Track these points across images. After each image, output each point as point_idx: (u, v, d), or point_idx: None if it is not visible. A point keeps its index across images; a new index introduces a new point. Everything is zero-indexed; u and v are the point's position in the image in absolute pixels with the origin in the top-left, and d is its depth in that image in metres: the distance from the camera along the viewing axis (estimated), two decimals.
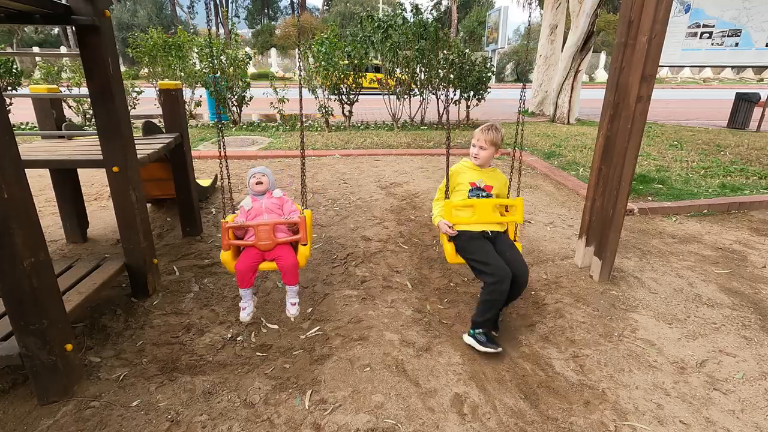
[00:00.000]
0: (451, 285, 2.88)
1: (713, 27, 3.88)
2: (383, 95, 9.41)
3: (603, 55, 31.08)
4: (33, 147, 3.04)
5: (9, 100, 8.16)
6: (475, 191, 2.36)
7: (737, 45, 3.93)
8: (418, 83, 9.02)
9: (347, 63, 8.61)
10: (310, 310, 2.59)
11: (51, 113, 3.33)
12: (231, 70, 8.81)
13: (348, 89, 8.87)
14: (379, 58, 9.19)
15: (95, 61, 2.20)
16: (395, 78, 8.95)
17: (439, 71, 8.83)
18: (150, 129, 3.58)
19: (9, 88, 9.26)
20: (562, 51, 10.40)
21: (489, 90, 9.46)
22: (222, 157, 2.28)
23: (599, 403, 1.89)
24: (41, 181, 4.60)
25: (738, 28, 3.87)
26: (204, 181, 4.63)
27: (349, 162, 6.24)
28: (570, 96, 10.03)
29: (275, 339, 2.30)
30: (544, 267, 3.11)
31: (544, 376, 2.06)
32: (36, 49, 26.97)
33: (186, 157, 3.45)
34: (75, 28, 2.13)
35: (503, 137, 2.38)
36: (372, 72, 10.51)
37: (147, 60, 9.09)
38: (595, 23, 9.44)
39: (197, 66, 9.37)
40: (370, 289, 2.81)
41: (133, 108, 9.09)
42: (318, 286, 2.86)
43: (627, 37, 2.58)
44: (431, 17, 9.19)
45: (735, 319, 2.51)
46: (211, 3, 37.31)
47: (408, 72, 8.79)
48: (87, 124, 8.92)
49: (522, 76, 28.22)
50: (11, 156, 1.59)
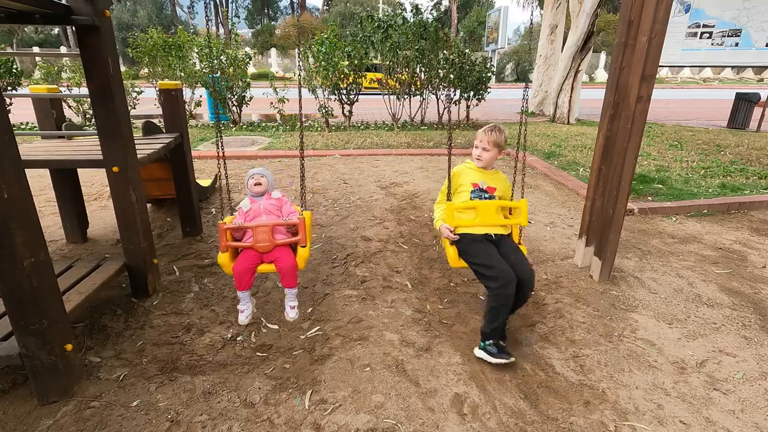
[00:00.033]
0: (451, 285, 2.88)
1: (713, 27, 3.88)
2: (383, 95, 9.41)
3: (603, 55, 31.09)
4: (33, 147, 3.04)
5: (9, 100, 8.16)
6: (478, 192, 2.32)
7: (737, 45, 3.93)
8: (418, 83, 9.02)
9: (348, 63, 8.61)
10: (310, 310, 2.59)
11: (51, 113, 3.33)
12: (231, 70, 8.81)
13: (348, 89, 8.87)
14: (379, 58, 9.19)
15: (95, 61, 2.20)
16: (395, 78, 8.95)
17: (439, 71, 8.83)
18: (150, 129, 3.58)
19: (9, 88, 9.26)
20: (562, 51, 10.40)
21: (489, 90, 9.46)
22: (220, 157, 2.26)
23: (599, 403, 1.89)
24: (41, 181, 4.60)
25: (738, 28, 3.87)
26: (204, 181, 4.63)
27: (349, 162, 6.24)
28: (570, 96, 10.03)
29: (275, 339, 2.30)
30: (544, 267, 3.11)
31: (544, 376, 2.06)
32: (36, 49, 26.97)
33: (186, 157, 3.45)
34: (75, 28, 2.13)
35: (507, 138, 2.34)
36: (372, 72, 10.50)
37: (147, 60, 9.09)
38: (595, 23, 9.44)
39: (197, 66, 9.37)
40: (370, 289, 2.81)
41: (133, 108, 9.09)
42: (318, 286, 2.86)
43: (627, 37, 2.58)
44: (431, 17, 9.19)
45: (735, 319, 2.51)
46: (211, 3, 37.33)
47: (408, 72, 8.80)
48: (87, 124, 8.92)
49: (523, 75, 28.25)
50: (11, 156, 1.59)
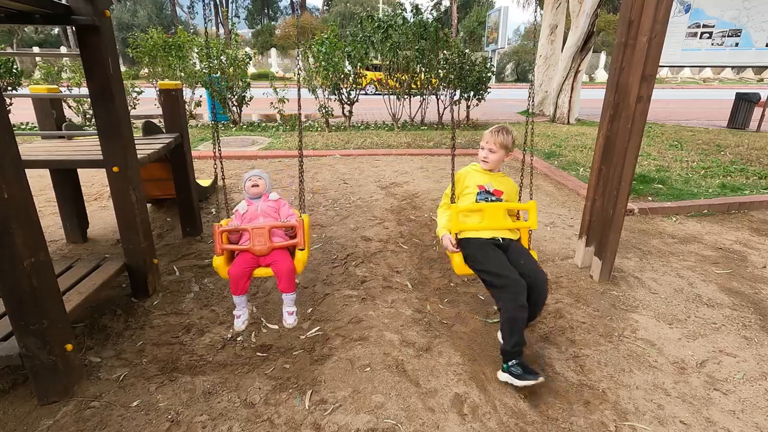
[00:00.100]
0: (451, 285, 2.88)
1: (713, 27, 3.88)
2: (383, 95, 9.41)
3: (603, 55, 31.08)
4: (33, 147, 3.04)
5: (9, 100, 8.16)
6: (484, 195, 2.23)
7: (737, 45, 3.93)
8: (418, 83, 9.03)
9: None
10: (310, 310, 2.59)
11: (51, 113, 3.33)
12: (231, 70, 8.81)
13: (348, 89, 8.88)
14: (379, 58, 9.20)
15: (95, 61, 2.20)
16: (395, 78, 8.95)
17: (439, 71, 8.83)
18: (150, 129, 3.58)
19: (9, 88, 9.26)
20: (562, 51, 10.40)
21: (489, 90, 9.46)
22: (217, 158, 2.23)
23: (599, 403, 1.89)
24: (41, 181, 4.60)
25: (738, 28, 3.87)
26: (204, 181, 4.63)
27: (349, 162, 6.24)
28: (570, 96, 10.03)
29: (275, 339, 2.30)
30: (544, 267, 3.10)
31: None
32: (36, 49, 26.97)
33: (186, 157, 3.45)
34: (75, 28, 2.13)
35: (515, 140, 2.26)
36: (371, 71, 10.49)
37: (147, 60, 9.09)
38: (595, 23, 9.43)
39: (197, 66, 9.37)
40: (370, 290, 2.81)
41: (133, 108, 9.09)
42: (318, 286, 2.86)
43: (627, 37, 2.57)
44: (431, 17, 9.19)
45: (735, 320, 2.51)
46: (211, 3, 37.33)
47: (409, 73, 8.80)
48: (87, 124, 8.92)
49: (523, 75, 28.25)
50: (11, 156, 1.59)
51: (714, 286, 2.87)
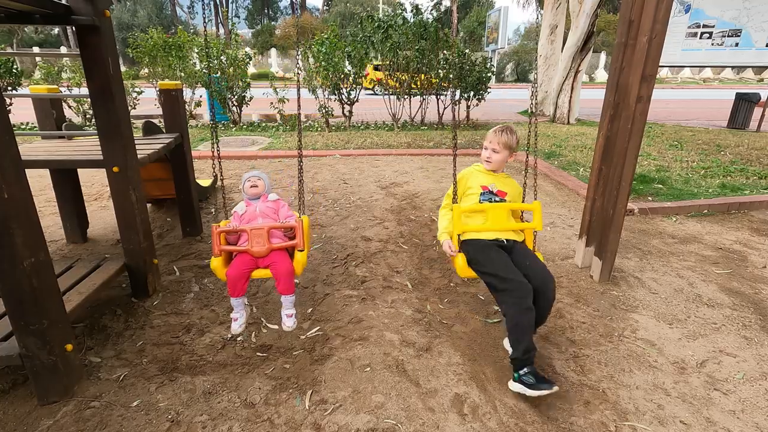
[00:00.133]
0: (451, 285, 2.88)
1: (713, 27, 3.87)
2: (384, 95, 9.41)
3: (603, 55, 31.09)
4: (33, 147, 3.05)
5: (9, 100, 8.16)
6: (488, 195, 2.17)
7: (737, 45, 3.92)
8: (418, 83, 9.02)
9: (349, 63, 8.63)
10: (310, 310, 2.59)
11: (51, 113, 3.34)
12: (231, 70, 8.81)
13: (348, 89, 8.87)
14: (380, 58, 9.20)
15: (95, 61, 2.20)
16: (395, 78, 8.95)
17: (439, 72, 8.83)
18: (150, 129, 3.58)
19: (9, 88, 9.26)
20: (562, 51, 10.40)
21: (489, 90, 9.47)
22: (215, 158, 2.22)
23: (599, 403, 1.89)
24: (41, 181, 4.60)
25: (738, 28, 3.86)
26: (204, 181, 4.63)
27: (350, 162, 6.24)
28: (570, 96, 10.03)
29: (275, 339, 2.30)
30: None
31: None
32: (36, 49, 26.97)
33: (186, 157, 3.45)
34: (75, 28, 2.13)
35: (519, 140, 2.20)
36: (380, 71, 10.45)
37: (147, 60, 9.09)
38: (595, 23, 9.44)
39: (197, 66, 9.37)
40: (370, 290, 2.81)
41: (133, 108, 9.09)
42: (318, 286, 2.86)
43: (627, 37, 2.57)
44: (431, 17, 9.19)
45: (735, 320, 2.51)
46: (211, 3, 37.34)
47: (409, 73, 8.79)
48: (87, 124, 8.93)
49: (523, 75, 28.24)
50: (11, 156, 1.59)
51: (714, 286, 2.87)
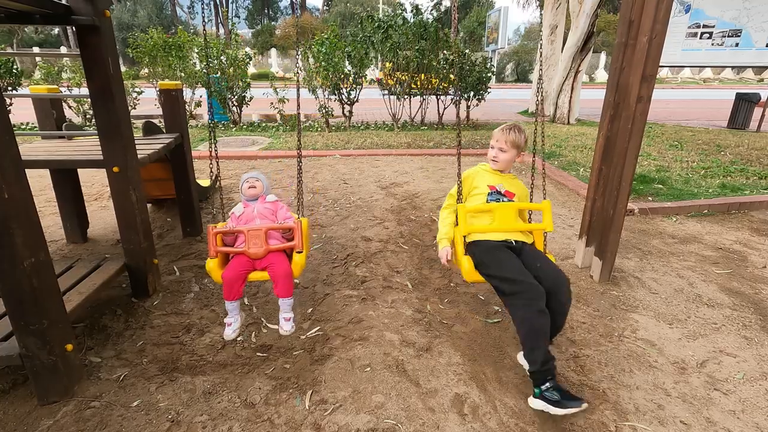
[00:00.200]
0: (451, 285, 2.88)
1: (713, 27, 3.87)
2: (384, 95, 9.41)
3: (603, 55, 31.07)
4: (33, 147, 3.05)
5: (9, 100, 8.16)
6: (495, 195, 2.08)
7: (737, 45, 3.92)
8: (418, 83, 9.02)
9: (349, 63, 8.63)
10: (310, 310, 2.59)
11: (51, 113, 3.34)
12: (231, 70, 8.81)
13: (348, 89, 8.87)
14: (380, 58, 9.20)
15: (95, 61, 2.20)
16: (395, 78, 8.95)
17: (440, 72, 8.82)
18: (150, 129, 3.58)
19: (9, 88, 9.26)
20: (562, 51, 10.40)
21: (489, 90, 9.47)
22: (212, 158, 2.21)
23: (600, 404, 1.89)
24: (41, 181, 4.60)
25: (738, 28, 3.86)
26: (204, 181, 4.63)
27: (350, 162, 6.24)
28: (570, 96, 10.03)
29: (275, 339, 2.30)
30: None
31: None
32: (36, 49, 26.96)
33: (186, 157, 3.46)
34: (75, 28, 2.13)
35: (527, 139, 2.14)
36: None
37: (147, 60, 9.09)
38: (595, 23, 9.43)
39: (197, 66, 9.38)
40: (370, 290, 2.81)
41: (134, 108, 9.09)
42: (318, 286, 2.86)
43: (627, 38, 2.57)
44: (431, 18, 9.19)
45: (735, 320, 2.51)
46: (211, 3, 37.34)
47: (411, 72, 8.79)
48: (87, 124, 8.93)
49: (523, 75, 28.23)
50: (11, 156, 1.59)
51: (714, 286, 2.87)
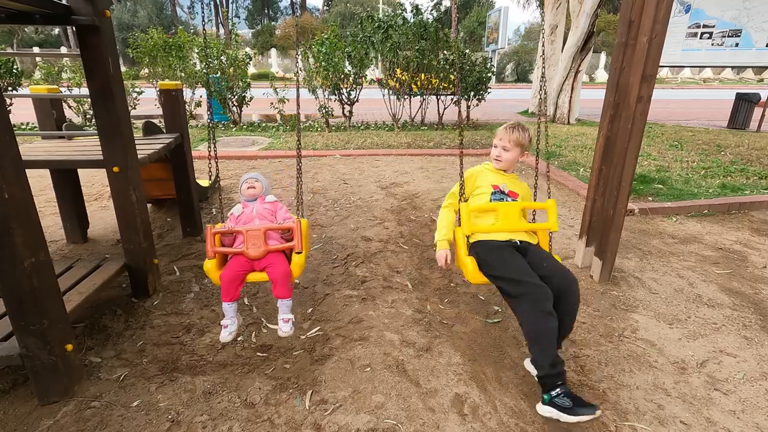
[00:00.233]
0: (452, 285, 2.88)
1: (713, 27, 3.87)
2: (384, 96, 9.42)
3: (603, 55, 31.06)
4: (33, 147, 3.05)
5: (9, 100, 8.16)
6: (499, 195, 2.05)
7: (737, 45, 3.92)
8: (418, 83, 9.02)
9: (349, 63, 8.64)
10: (310, 310, 2.59)
11: (51, 113, 3.34)
12: (231, 70, 8.81)
13: (348, 90, 8.87)
14: (380, 58, 9.20)
15: (95, 61, 2.20)
16: (396, 79, 8.95)
17: (440, 73, 8.82)
18: (150, 129, 3.58)
19: (9, 88, 9.26)
20: (562, 51, 10.40)
21: (489, 90, 9.47)
22: (212, 158, 2.21)
23: (600, 404, 1.88)
24: (41, 181, 4.60)
25: (738, 28, 3.86)
26: (204, 181, 4.63)
27: (350, 162, 6.24)
28: (570, 96, 10.03)
29: (275, 339, 2.30)
30: None
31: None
32: (36, 49, 26.96)
33: (186, 157, 3.46)
34: (75, 28, 2.13)
35: (531, 138, 2.11)
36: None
37: (147, 60, 9.09)
38: (595, 23, 9.43)
39: (197, 66, 9.38)
40: (370, 290, 2.81)
41: (134, 108, 9.09)
42: (318, 286, 2.86)
43: (627, 38, 2.58)
44: (431, 17, 9.19)
45: (735, 320, 2.51)
46: (211, 3, 37.34)
47: (409, 74, 8.79)
48: (87, 124, 8.93)
49: (523, 75, 28.23)
50: (11, 156, 1.59)
51: (714, 286, 2.87)
